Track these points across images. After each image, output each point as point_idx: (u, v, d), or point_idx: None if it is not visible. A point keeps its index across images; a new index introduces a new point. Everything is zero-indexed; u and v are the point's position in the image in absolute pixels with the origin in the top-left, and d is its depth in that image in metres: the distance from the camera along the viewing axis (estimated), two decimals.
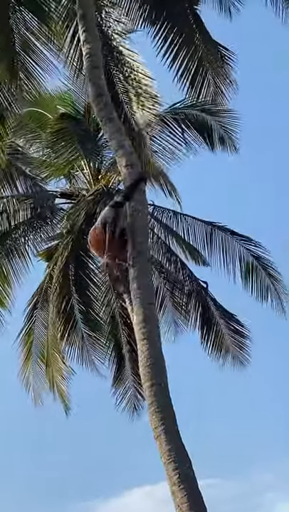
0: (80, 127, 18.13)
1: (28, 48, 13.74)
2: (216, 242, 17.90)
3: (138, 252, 10.09)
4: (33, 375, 18.79)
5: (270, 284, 17.85)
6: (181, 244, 18.10)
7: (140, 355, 9.62)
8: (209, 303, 18.03)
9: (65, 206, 18.31)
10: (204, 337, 18.09)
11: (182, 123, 17.63)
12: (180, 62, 14.16)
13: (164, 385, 9.41)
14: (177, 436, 9.13)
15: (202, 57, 14.14)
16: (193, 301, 18.07)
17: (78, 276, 18.07)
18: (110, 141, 11.21)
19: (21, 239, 17.99)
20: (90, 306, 18.24)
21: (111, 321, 18.55)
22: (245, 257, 17.90)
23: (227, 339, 18.01)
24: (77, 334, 18.12)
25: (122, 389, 18.68)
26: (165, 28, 14.09)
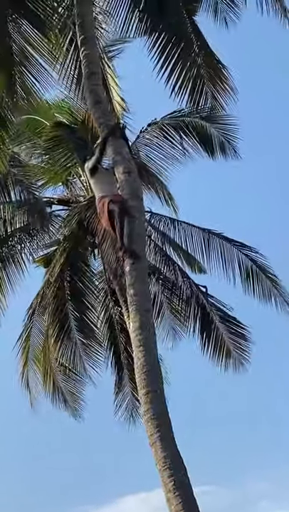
0: (76, 135, 18.16)
1: (26, 57, 13.75)
2: (213, 247, 17.89)
3: (135, 259, 10.12)
4: (31, 381, 18.77)
5: (271, 287, 17.83)
6: (178, 251, 18.10)
7: (136, 362, 9.64)
8: (208, 308, 17.98)
9: (63, 213, 18.33)
10: (204, 342, 18.02)
11: (181, 131, 17.65)
12: (178, 72, 14.17)
13: (160, 392, 9.42)
14: (173, 444, 9.15)
15: (200, 67, 14.15)
16: (192, 306, 18.04)
17: (74, 283, 18.09)
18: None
19: (17, 246, 17.97)
20: (85, 313, 18.24)
21: (109, 327, 18.54)
22: (243, 262, 17.89)
23: (227, 343, 17.95)
24: (70, 341, 18.11)
25: (121, 396, 18.67)
26: (163, 38, 14.10)
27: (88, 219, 16.85)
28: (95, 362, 18.49)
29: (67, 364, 18.34)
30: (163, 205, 18.16)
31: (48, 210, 17.99)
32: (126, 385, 18.61)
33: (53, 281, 17.85)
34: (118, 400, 18.74)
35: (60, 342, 18.10)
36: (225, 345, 17.91)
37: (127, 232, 10.24)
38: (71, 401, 18.66)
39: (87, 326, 18.30)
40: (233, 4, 14.43)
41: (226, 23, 14.31)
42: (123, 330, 18.19)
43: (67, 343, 18.14)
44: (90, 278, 18.39)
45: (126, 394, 18.68)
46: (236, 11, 14.36)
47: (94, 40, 12.42)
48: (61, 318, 18.04)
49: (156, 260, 18.09)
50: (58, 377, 18.56)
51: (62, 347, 18.14)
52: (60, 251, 17.86)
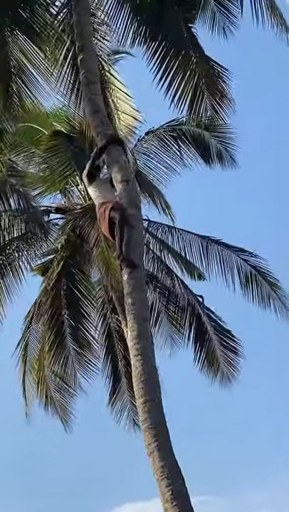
0: (74, 144, 18.17)
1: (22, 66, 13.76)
2: (212, 253, 17.90)
3: (133, 267, 10.12)
4: (28, 389, 18.72)
5: (270, 291, 17.82)
6: (176, 258, 18.11)
7: (134, 370, 9.63)
8: (204, 318, 17.99)
9: (60, 221, 18.31)
10: (197, 353, 18.04)
11: (179, 139, 17.68)
12: (177, 82, 14.18)
13: (158, 401, 9.41)
14: (170, 453, 9.13)
15: (199, 76, 14.16)
16: (187, 316, 18.04)
17: (70, 291, 18.06)
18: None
19: (15, 254, 17.96)
20: (81, 322, 18.21)
21: (106, 336, 18.51)
22: (243, 267, 17.89)
23: (218, 355, 17.96)
24: (64, 350, 18.07)
25: (119, 405, 18.62)
26: (162, 48, 14.12)
27: (84, 227, 16.85)
28: (88, 372, 18.42)
29: (60, 374, 18.27)
30: (160, 214, 18.19)
31: (45, 219, 18.00)
32: (124, 393, 18.56)
33: (50, 290, 17.85)
34: (116, 409, 18.68)
35: (54, 351, 18.06)
36: (216, 357, 17.92)
37: (126, 240, 10.25)
38: (61, 411, 18.60)
39: (82, 336, 18.26)
40: (229, 14, 14.45)
41: (224, 32, 14.32)
42: (121, 338, 18.16)
43: (61, 352, 18.10)
44: (87, 286, 18.37)
45: (125, 403, 18.64)
46: (233, 20, 14.37)
47: (92, 49, 12.48)
48: (57, 326, 18.03)
49: (153, 268, 18.09)
50: (50, 386, 18.50)
51: (56, 356, 18.09)
52: (57, 259, 17.86)
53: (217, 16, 14.41)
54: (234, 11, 14.45)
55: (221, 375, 17.98)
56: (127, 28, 14.22)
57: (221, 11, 14.43)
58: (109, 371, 18.58)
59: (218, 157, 17.71)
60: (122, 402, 18.63)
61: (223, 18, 14.45)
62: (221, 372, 17.96)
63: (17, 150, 18.38)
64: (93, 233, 16.39)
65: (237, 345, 18.15)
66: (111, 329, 18.49)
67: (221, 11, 14.42)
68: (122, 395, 18.59)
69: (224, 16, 14.44)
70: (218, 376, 17.99)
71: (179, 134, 17.75)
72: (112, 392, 18.63)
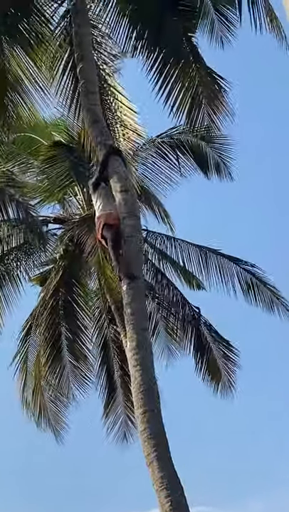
0: (73, 154, 18.19)
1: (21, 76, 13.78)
2: (211, 263, 17.91)
3: (132, 278, 10.12)
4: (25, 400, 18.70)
5: (273, 296, 17.84)
6: (175, 268, 18.11)
7: (133, 381, 9.63)
8: (202, 328, 17.99)
9: (59, 231, 18.33)
10: (198, 362, 18.05)
11: (177, 149, 17.70)
12: (176, 92, 14.21)
13: (157, 412, 9.40)
14: (170, 464, 9.12)
15: (198, 86, 14.18)
16: (186, 326, 18.05)
17: (68, 303, 18.04)
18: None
19: (13, 264, 17.96)
20: (77, 333, 18.17)
21: (102, 347, 18.49)
22: (243, 275, 17.91)
23: (220, 365, 17.97)
24: (60, 362, 18.05)
25: (113, 416, 18.58)
26: (162, 58, 14.14)
27: (82, 237, 16.86)
28: (82, 385, 18.38)
29: (55, 384, 18.23)
30: (159, 223, 18.21)
31: (44, 229, 18.01)
32: (119, 405, 18.53)
33: (48, 300, 17.84)
34: (110, 421, 18.64)
35: (50, 362, 18.02)
36: (217, 366, 17.93)
37: (123, 253, 10.27)
38: (54, 422, 18.58)
39: (78, 348, 18.22)
40: (228, 23, 14.48)
41: (222, 42, 14.36)
42: (118, 349, 18.15)
43: (57, 364, 18.07)
44: (84, 297, 18.35)
45: (118, 415, 18.60)
46: (232, 29, 14.41)
47: (91, 59, 12.51)
48: (54, 338, 17.99)
49: (152, 278, 18.09)
50: (45, 396, 18.48)
51: (51, 367, 18.06)
52: (55, 269, 17.86)
53: (216, 24, 14.45)
54: (233, 19, 14.50)
55: (223, 384, 17.98)
56: (127, 39, 14.24)
57: (220, 19, 14.46)
58: (104, 382, 18.55)
59: (216, 168, 17.74)
60: (116, 414, 18.59)
61: (222, 26, 14.48)
62: (223, 381, 17.97)
63: (15, 160, 18.38)
64: (90, 242, 16.39)
65: (235, 355, 18.17)
66: (107, 340, 18.47)
67: (220, 20, 14.45)
68: (116, 407, 18.56)
69: (223, 24, 14.47)
70: (220, 385, 18.00)
71: (177, 143, 17.77)
72: (107, 404, 18.59)
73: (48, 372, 18.05)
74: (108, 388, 18.52)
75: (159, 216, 18.19)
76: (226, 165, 17.73)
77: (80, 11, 12.85)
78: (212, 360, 17.98)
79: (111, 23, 14.36)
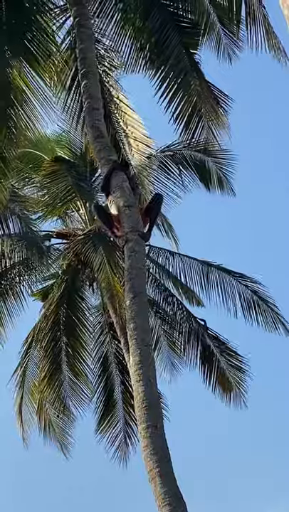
0: (75, 169, 18.25)
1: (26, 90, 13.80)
2: (213, 280, 17.94)
3: (135, 293, 10.13)
4: (25, 416, 18.67)
5: (274, 315, 17.85)
6: (176, 284, 18.13)
7: (136, 396, 9.61)
8: (208, 341, 17.97)
9: (61, 246, 18.35)
10: (206, 375, 18.00)
11: (179, 164, 17.75)
12: (176, 106, 14.24)
13: (160, 427, 9.38)
14: (172, 479, 9.08)
15: (197, 102, 14.23)
16: (191, 339, 18.03)
17: (69, 318, 18.03)
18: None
19: (16, 279, 17.99)
20: (78, 351, 18.14)
21: (102, 363, 18.48)
22: (244, 293, 17.92)
23: (228, 375, 17.93)
24: (59, 377, 18.03)
25: (113, 431, 18.53)
26: (162, 72, 14.19)
27: (85, 252, 16.89)
28: (79, 399, 18.31)
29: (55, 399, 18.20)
30: (163, 237, 18.23)
31: (46, 244, 18.04)
32: (119, 421, 18.49)
33: (49, 315, 17.84)
34: (110, 436, 18.59)
35: (49, 378, 17.99)
36: (226, 378, 17.90)
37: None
38: (60, 436, 18.55)
39: (77, 363, 18.19)
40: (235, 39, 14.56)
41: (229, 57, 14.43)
42: (120, 364, 18.15)
43: (56, 380, 18.03)
44: (85, 313, 18.35)
45: (119, 430, 18.55)
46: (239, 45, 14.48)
47: (96, 75, 12.54)
48: (54, 354, 17.96)
49: (154, 293, 18.09)
50: (45, 411, 18.46)
51: (50, 383, 18.02)
52: (57, 285, 17.88)
53: (222, 40, 14.53)
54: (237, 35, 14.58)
55: (234, 394, 17.94)
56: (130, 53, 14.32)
57: (226, 35, 14.54)
58: (103, 398, 18.52)
59: (218, 183, 17.78)
60: (116, 429, 18.54)
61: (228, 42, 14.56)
62: (234, 391, 17.92)
63: (18, 175, 18.42)
64: (98, 259, 16.41)
65: (243, 364, 18.13)
66: (108, 355, 18.46)
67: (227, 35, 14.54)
68: (116, 422, 18.52)
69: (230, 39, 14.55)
70: (231, 396, 17.97)
71: (180, 158, 17.82)
72: (105, 420, 18.54)
73: (47, 387, 18.02)
74: (107, 404, 18.48)
75: (162, 230, 18.23)
76: (228, 180, 17.78)
77: (84, 27, 12.90)
78: (220, 371, 17.94)
79: (114, 38, 14.43)
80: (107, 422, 18.49)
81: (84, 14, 13.08)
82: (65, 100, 14.15)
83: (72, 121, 14.59)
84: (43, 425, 18.46)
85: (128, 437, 18.33)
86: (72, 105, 14.15)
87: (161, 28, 14.00)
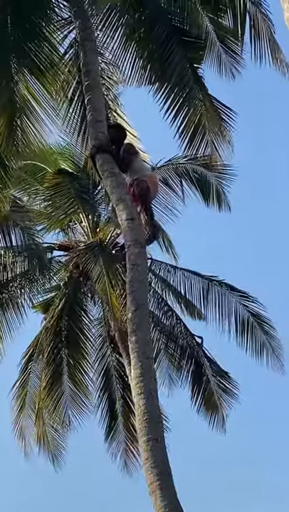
0: (78, 182, 18.29)
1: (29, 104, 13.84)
2: (212, 297, 17.95)
3: (137, 306, 10.14)
4: (26, 428, 18.66)
5: (265, 342, 17.87)
6: (177, 298, 18.14)
7: (137, 409, 9.60)
8: (202, 359, 18.01)
9: (63, 258, 18.37)
10: (194, 394, 18.05)
11: (181, 177, 17.78)
12: (179, 120, 14.26)
13: (161, 440, 9.37)
14: (173, 493, 9.07)
15: (202, 117, 14.26)
16: (186, 357, 18.06)
17: (71, 330, 18.05)
18: (111, 195, 11.34)
19: (17, 291, 18.00)
20: (79, 361, 18.16)
21: (103, 375, 18.47)
22: (241, 314, 17.94)
23: (216, 397, 17.95)
24: (60, 388, 18.02)
25: (115, 444, 18.53)
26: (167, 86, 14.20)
27: (87, 264, 16.91)
28: (80, 411, 18.31)
29: (55, 411, 18.18)
30: (163, 253, 18.24)
31: (48, 256, 18.07)
32: (120, 434, 18.48)
33: (50, 327, 17.86)
34: (112, 449, 18.60)
35: (50, 388, 17.99)
36: (213, 399, 17.90)
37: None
38: (53, 448, 18.53)
39: (78, 374, 18.21)
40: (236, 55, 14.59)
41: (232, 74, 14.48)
42: (120, 377, 18.15)
43: (57, 391, 18.04)
44: (88, 325, 18.37)
45: (120, 443, 18.55)
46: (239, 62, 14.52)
47: (99, 88, 12.56)
48: (55, 364, 17.98)
49: (155, 307, 18.10)
50: (44, 423, 18.44)
51: (51, 394, 18.02)
52: (59, 297, 17.89)
53: (223, 56, 14.57)
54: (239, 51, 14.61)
55: (219, 417, 17.97)
56: (132, 67, 14.34)
57: (226, 51, 14.58)
58: (105, 410, 18.51)
59: (217, 198, 17.78)
60: (118, 442, 18.55)
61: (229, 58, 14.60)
62: (219, 413, 17.96)
63: (20, 186, 18.46)
64: (97, 270, 16.44)
65: (234, 387, 18.16)
66: (110, 368, 18.47)
67: (226, 52, 14.57)
68: (118, 435, 18.52)
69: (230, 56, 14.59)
70: (214, 418, 17.99)
71: (182, 172, 17.86)
72: (108, 432, 18.55)
73: (48, 399, 18.00)
74: (110, 417, 18.48)
75: (162, 245, 18.25)
76: (226, 195, 17.79)
77: (88, 40, 12.94)
78: (209, 392, 17.96)
79: (117, 51, 14.46)
80: (111, 434, 18.51)
81: (88, 27, 13.12)
82: (67, 112, 14.14)
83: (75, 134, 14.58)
84: (39, 437, 18.44)
85: (130, 450, 18.32)
86: (74, 117, 14.15)
87: (166, 42, 14.03)
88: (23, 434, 18.67)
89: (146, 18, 14.04)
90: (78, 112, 14.00)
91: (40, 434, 18.48)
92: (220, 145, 14.34)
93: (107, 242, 17.97)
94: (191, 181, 17.84)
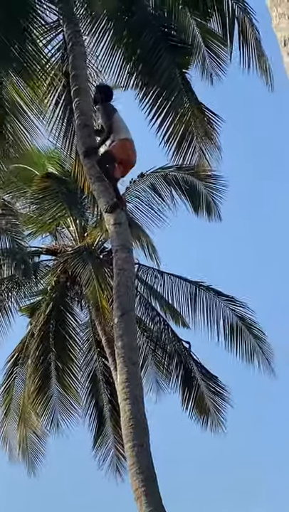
0: (66, 186, 18.24)
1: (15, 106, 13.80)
2: (200, 302, 17.91)
3: (123, 311, 10.13)
4: (11, 433, 18.59)
5: (255, 346, 17.85)
6: (162, 305, 18.12)
7: (122, 415, 9.60)
8: (191, 364, 17.99)
9: (51, 263, 18.32)
10: (185, 398, 18.01)
11: (170, 185, 17.71)
12: (167, 126, 14.22)
13: (146, 446, 9.36)
14: (158, 499, 9.06)
15: (189, 122, 14.24)
16: (174, 361, 18.04)
17: (58, 334, 18.01)
18: (98, 199, 11.33)
19: (4, 294, 17.94)
20: (67, 364, 18.12)
21: (91, 380, 18.44)
22: (229, 318, 17.92)
23: (207, 401, 17.93)
24: (48, 392, 17.96)
25: (104, 449, 18.48)
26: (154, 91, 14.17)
27: (75, 268, 16.88)
28: (69, 415, 18.25)
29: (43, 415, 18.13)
30: (147, 259, 18.16)
31: (36, 260, 18.03)
32: (109, 438, 18.44)
33: (37, 331, 17.82)
34: (100, 454, 18.55)
35: (38, 393, 17.93)
36: (205, 403, 17.89)
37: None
38: (32, 454, 18.48)
39: (67, 379, 18.16)
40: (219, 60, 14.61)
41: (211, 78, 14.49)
42: (108, 382, 18.10)
43: (44, 395, 17.98)
44: (75, 329, 18.33)
45: (109, 448, 18.51)
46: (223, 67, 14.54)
47: (87, 92, 12.54)
48: (43, 368, 17.93)
49: (142, 313, 18.07)
50: (29, 428, 18.39)
51: (39, 398, 17.96)
52: (46, 301, 17.86)
53: (207, 61, 14.58)
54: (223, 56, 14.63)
55: (212, 420, 17.95)
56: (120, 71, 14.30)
57: (211, 56, 14.60)
58: (93, 415, 18.47)
59: (206, 207, 17.72)
60: (107, 447, 18.50)
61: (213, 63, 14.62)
62: (211, 417, 17.93)
63: (7, 189, 18.40)
64: (85, 274, 16.42)
65: (224, 390, 18.14)
66: (97, 373, 18.43)
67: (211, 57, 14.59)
68: (106, 440, 18.47)
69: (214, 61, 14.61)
70: (208, 422, 17.96)
71: (171, 179, 17.79)
72: (97, 437, 18.50)
73: (36, 403, 17.94)
74: (98, 421, 18.43)
75: (146, 251, 18.16)
76: (216, 204, 17.72)
77: (76, 44, 12.91)
78: (200, 396, 17.94)
79: (105, 56, 14.42)
80: (99, 438, 18.46)
81: (76, 31, 13.10)
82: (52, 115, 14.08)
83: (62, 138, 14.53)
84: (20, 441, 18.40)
85: (120, 455, 18.27)
86: (61, 121, 14.10)
87: (154, 48, 14.01)
88: (8, 439, 18.60)
89: (135, 23, 14.00)
90: (64, 115, 13.95)
91: (21, 439, 18.40)
92: (208, 151, 14.32)
93: (94, 246, 17.95)
94: (181, 190, 17.74)
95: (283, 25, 5.66)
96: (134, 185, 17.82)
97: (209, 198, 17.62)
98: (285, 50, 5.61)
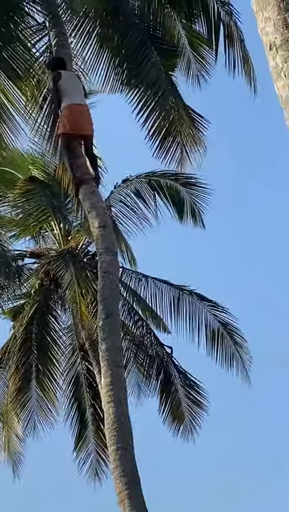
0: (49, 189, 18.20)
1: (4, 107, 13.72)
2: (182, 307, 17.89)
3: (108, 314, 10.10)
4: None
5: (235, 352, 17.88)
6: (144, 309, 18.10)
7: (106, 417, 9.56)
8: (171, 369, 17.99)
9: (34, 266, 18.27)
10: (162, 403, 18.02)
11: (155, 191, 17.63)
12: (151, 126, 14.25)
13: (130, 449, 9.33)
14: (141, 502, 9.03)
15: (174, 123, 14.24)
16: (155, 366, 18.04)
17: (41, 337, 17.96)
18: (83, 202, 11.31)
19: None
20: (48, 368, 18.07)
21: (74, 383, 18.40)
22: (211, 324, 17.92)
23: (183, 407, 17.94)
24: (28, 394, 17.91)
25: (85, 453, 18.44)
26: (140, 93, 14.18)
27: (58, 272, 16.83)
28: (47, 419, 18.18)
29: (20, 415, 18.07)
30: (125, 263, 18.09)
31: (19, 263, 17.98)
32: (90, 442, 18.40)
33: (20, 334, 17.77)
34: (80, 458, 18.51)
35: (17, 395, 17.88)
36: (180, 409, 17.89)
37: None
38: (15, 457, 18.44)
39: (47, 381, 18.10)
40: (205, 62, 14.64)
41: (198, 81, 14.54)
42: (90, 385, 18.07)
43: (24, 397, 17.92)
44: (58, 332, 18.29)
45: (90, 451, 18.47)
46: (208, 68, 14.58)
47: None
48: (24, 370, 17.87)
49: (124, 316, 18.04)
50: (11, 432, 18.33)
51: (19, 400, 17.90)
52: (29, 304, 17.82)
53: (192, 64, 14.61)
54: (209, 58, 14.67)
55: (184, 427, 17.96)
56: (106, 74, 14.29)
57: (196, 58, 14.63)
58: (75, 419, 18.43)
59: (191, 214, 17.67)
60: (87, 451, 18.46)
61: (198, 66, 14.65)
62: (184, 424, 17.95)
63: None
64: (67, 278, 16.39)
65: (203, 398, 18.15)
66: (80, 376, 18.38)
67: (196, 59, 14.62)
68: (87, 444, 18.43)
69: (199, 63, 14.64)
70: (180, 428, 17.97)
71: (155, 185, 17.71)
72: (78, 441, 18.46)
73: (15, 402, 17.88)
74: (79, 425, 18.39)
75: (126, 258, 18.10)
76: (200, 212, 17.67)
77: (63, 46, 12.90)
78: (177, 403, 17.94)
79: (91, 58, 14.40)
80: (80, 442, 18.42)
81: (63, 33, 13.09)
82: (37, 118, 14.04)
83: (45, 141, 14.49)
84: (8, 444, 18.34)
85: (101, 458, 18.24)
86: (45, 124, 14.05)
87: (139, 49, 14.01)
88: None
89: (120, 25, 14.00)
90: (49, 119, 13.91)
91: (6, 440, 18.35)
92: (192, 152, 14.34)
93: (78, 250, 17.91)
94: (165, 196, 17.68)
95: (269, 30, 5.72)
96: (118, 189, 17.78)
97: (194, 206, 17.55)
98: (270, 53, 5.68)
